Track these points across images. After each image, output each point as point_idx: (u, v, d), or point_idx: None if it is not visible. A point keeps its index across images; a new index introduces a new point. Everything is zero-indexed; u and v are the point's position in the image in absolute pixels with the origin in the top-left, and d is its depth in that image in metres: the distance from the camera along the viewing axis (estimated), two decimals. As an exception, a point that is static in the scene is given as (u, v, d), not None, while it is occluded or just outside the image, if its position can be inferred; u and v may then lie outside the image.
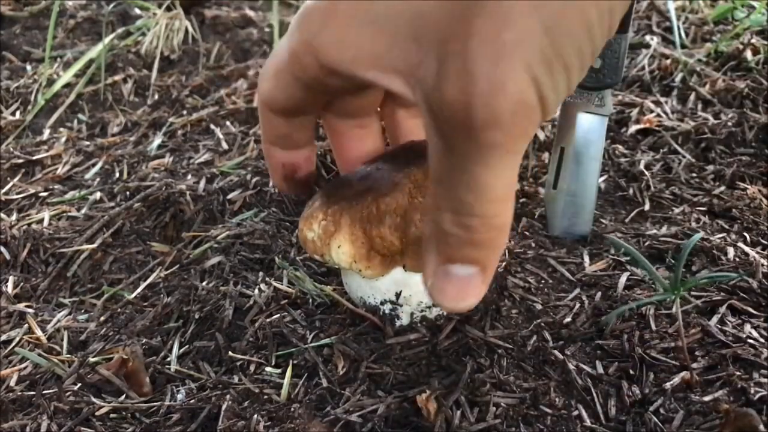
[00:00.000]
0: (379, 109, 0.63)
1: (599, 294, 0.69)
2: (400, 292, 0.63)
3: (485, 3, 0.40)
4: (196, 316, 0.72)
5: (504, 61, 0.39)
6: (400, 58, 0.43)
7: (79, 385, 0.67)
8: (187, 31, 1.49)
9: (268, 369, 0.64)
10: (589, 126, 0.75)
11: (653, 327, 0.64)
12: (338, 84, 0.47)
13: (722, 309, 0.66)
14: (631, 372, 0.61)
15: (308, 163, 0.60)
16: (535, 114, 0.42)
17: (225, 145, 1.10)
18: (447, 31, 0.42)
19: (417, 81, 0.44)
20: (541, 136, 0.98)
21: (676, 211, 0.84)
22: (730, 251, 0.74)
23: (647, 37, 1.26)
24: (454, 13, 0.41)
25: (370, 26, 0.43)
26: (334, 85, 0.47)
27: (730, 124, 0.99)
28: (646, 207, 0.86)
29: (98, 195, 1.01)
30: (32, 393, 0.67)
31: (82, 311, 0.81)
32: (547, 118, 0.44)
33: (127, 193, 0.99)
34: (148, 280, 0.82)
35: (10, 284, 0.86)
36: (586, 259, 0.74)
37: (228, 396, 0.60)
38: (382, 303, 0.65)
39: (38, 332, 0.77)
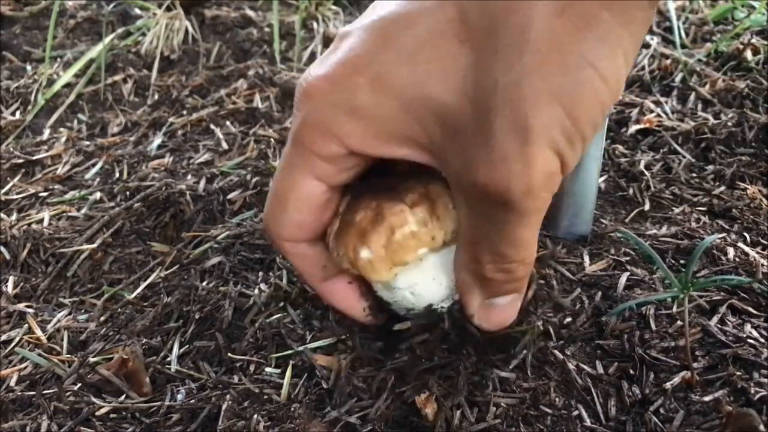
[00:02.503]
0: None
1: (599, 294, 0.69)
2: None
3: (508, 97, 0.45)
4: (196, 316, 0.72)
5: (532, 143, 0.46)
6: (426, 138, 0.50)
7: (79, 385, 0.67)
8: (187, 31, 1.49)
9: (268, 369, 0.64)
10: (589, 126, 0.75)
11: (653, 327, 0.64)
12: (356, 163, 0.54)
13: (722, 309, 0.66)
14: (631, 372, 0.61)
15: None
16: (559, 176, 0.49)
17: (225, 145, 1.10)
18: (469, 120, 0.47)
19: (443, 161, 0.51)
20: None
21: (676, 211, 0.84)
22: (730, 251, 0.74)
23: (647, 37, 1.26)
24: (477, 105, 0.47)
25: (398, 112, 0.49)
26: (353, 164, 0.54)
27: (730, 124, 0.99)
28: (646, 207, 0.86)
29: (98, 195, 1.01)
30: (32, 393, 0.67)
31: (82, 311, 0.81)
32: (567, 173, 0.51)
33: (127, 193, 0.99)
34: (148, 280, 0.82)
35: (10, 284, 0.86)
36: (586, 259, 0.74)
37: (228, 396, 0.60)
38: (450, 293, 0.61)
39: (38, 332, 0.77)
